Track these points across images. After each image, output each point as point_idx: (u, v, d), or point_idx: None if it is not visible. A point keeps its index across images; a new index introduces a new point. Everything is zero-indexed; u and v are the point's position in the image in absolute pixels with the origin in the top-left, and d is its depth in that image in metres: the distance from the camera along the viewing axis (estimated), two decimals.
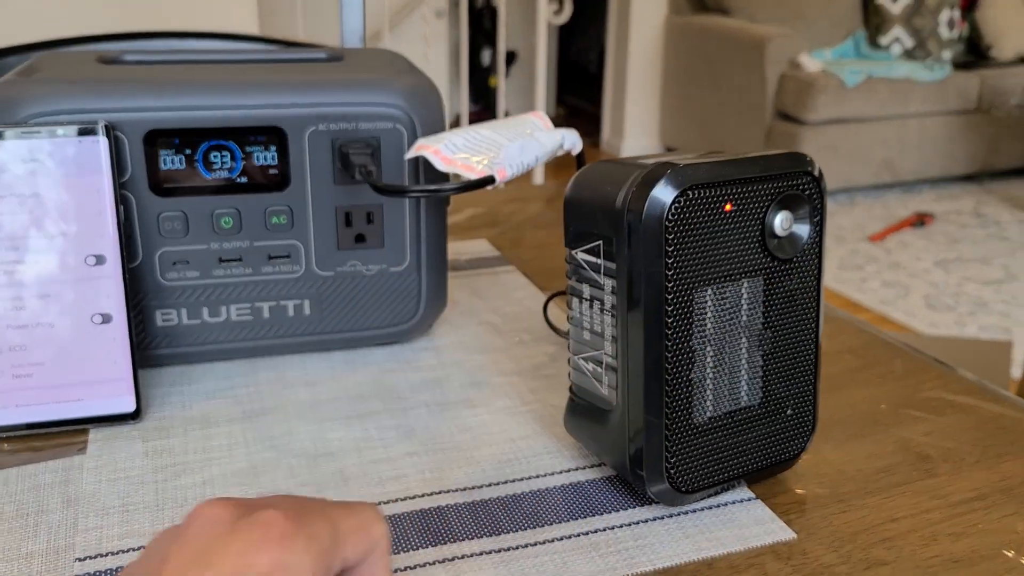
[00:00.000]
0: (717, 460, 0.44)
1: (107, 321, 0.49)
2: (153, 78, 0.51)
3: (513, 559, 0.41)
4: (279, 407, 0.52)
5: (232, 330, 0.55)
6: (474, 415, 0.52)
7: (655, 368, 0.41)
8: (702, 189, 0.40)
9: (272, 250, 0.54)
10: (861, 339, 0.62)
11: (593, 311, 0.44)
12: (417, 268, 0.57)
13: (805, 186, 0.42)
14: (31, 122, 0.48)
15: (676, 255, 0.40)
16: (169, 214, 0.52)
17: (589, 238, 0.43)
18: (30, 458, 0.47)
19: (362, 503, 0.31)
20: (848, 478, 0.46)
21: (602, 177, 0.43)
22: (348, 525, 0.29)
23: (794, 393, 0.45)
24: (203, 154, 0.51)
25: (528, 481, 0.46)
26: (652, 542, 0.42)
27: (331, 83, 0.53)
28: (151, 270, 0.52)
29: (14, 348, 0.48)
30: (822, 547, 0.41)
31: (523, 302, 0.67)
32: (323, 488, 0.45)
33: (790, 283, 0.44)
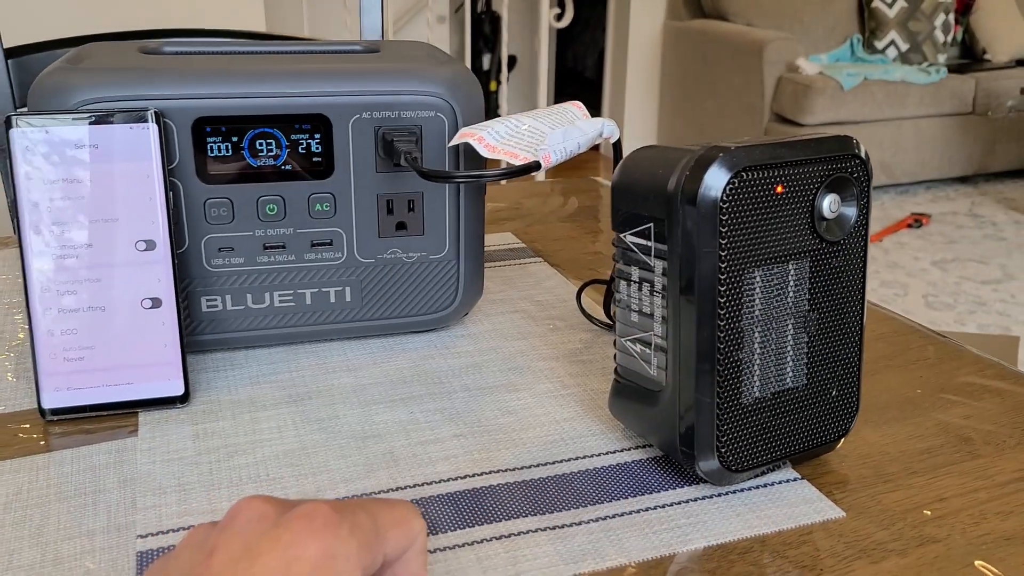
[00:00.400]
0: (764, 440, 0.44)
1: (157, 305, 0.49)
2: (200, 67, 0.51)
3: (567, 536, 0.41)
4: (323, 391, 0.53)
5: (275, 316, 0.55)
6: (516, 398, 0.52)
7: (707, 348, 0.42)
8: (755, 171, 0.41)
9: (315, 237, 0.54)
10: (891, 326, 0.63)
11: (642, 293, 0.45)
12: (456, 256, 0.58)
13: (854, 169, 0.43)
14: (82, 109, 0.49)
15: (729, 236, 0.40)
16: (215, 201, 0.52)
17: (639, 221, 0.44)
18: (83, 440, 0.47)
19: (399, 500, 0.31)
20: (892, 459, 0.47)
21: (652, 161, 0.44)
22: (388, 518, 0.30)
23: (839, 374, 0.46)
24: (249, 142, 0.52)
25: (576, 461, 0.47)
26: (703, 519, 0.42)
27: (375, 72, 0.53)
28: (197, 256, 0.53)
29: (66, 332, 0.48)
30: (872, 525, 0.42)
31: (554, 291, 0.68)
32: (374, 468, 0.46)
33: (836, 265, 0.44)
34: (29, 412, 0.50)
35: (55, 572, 0.38)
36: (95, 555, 0.39)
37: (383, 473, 0.45)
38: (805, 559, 0.40)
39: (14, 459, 0.45)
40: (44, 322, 0.48)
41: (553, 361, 0.57)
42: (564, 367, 0.56)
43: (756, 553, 0.40)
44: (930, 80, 3.46)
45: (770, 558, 0.40)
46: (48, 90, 0.49)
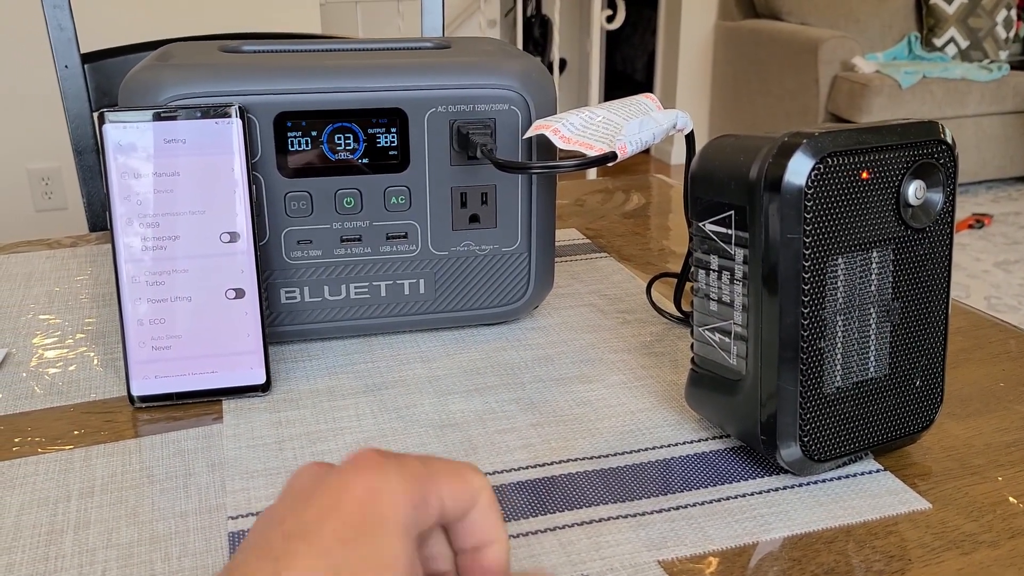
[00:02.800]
0: (847, 430, 0.44)
1: (240, 296, 0.51)
2: (281, 64, 0.53)
3: (649, 523, 0.41)
4: (399, 381, 0.53)
5: (350, 308, 0.56)
6: (590, 389, 0.53)
7: (790, 336, 0.41)
8: (840, 156, 0.40)
9: (390, 230, 0.55)
10: (968, 320, 0.61)
11: (722, 281, 0.45)
12: (528, 248, 0.58)
13: (940, 154, 0.43)
14: (170, 104, 0.50)
15: (814, 223, 0.40)
16: (295, 194, 0.53)
17: (719, 209, 0.44)
18: (170, 426, 0.49)
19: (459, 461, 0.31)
20: (977, 452, 0.46)
21: (732, 149, 0.44)
22: (441, 467, 0.30)
23: (923, 365, 0.45)
24: (328, 136, 0.53)
25: (654, 451, 0.47)
26: (786, 509, 0.42)
27: (450, 67, 0.54)
28: (277, 248, 0.54)
29: (154, 321, 0.50)
30: (960, 517, 0.41)
31: (622, 285, 0.68)
32: (453, 455, 0.46)
33: (921, 253, 0.44)
34: (117, 399, 0.51)
35: (152, 550, 0.39)
36: (189, 535, 0.40)
37: (462, 460, 0.46)
38: (893, 549, 0.39)
39: (107, 444, 0.47)
40: (134, 312, 0.49)
41: (625, 353, 0.57)
42: (636, 359, 0.56)
43: (842, 543, 0.40)
44: (992, 77, 3.38)
45: (856, 548, 0.39)
46: (139, 87, 0.51)
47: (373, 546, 0.26)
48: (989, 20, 3.64)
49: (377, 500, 0.27)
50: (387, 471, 0.28)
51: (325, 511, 0.26)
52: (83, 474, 0.44)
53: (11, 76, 2.21)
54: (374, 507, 0.27)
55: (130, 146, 0.48)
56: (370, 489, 0.27)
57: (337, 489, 0.27)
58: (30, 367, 0.55)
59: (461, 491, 0.30)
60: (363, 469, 0.28)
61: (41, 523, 0.41)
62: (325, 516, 0.26)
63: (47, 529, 0.40)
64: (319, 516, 0.26)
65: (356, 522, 0.26)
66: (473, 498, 0.30)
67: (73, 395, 0.52)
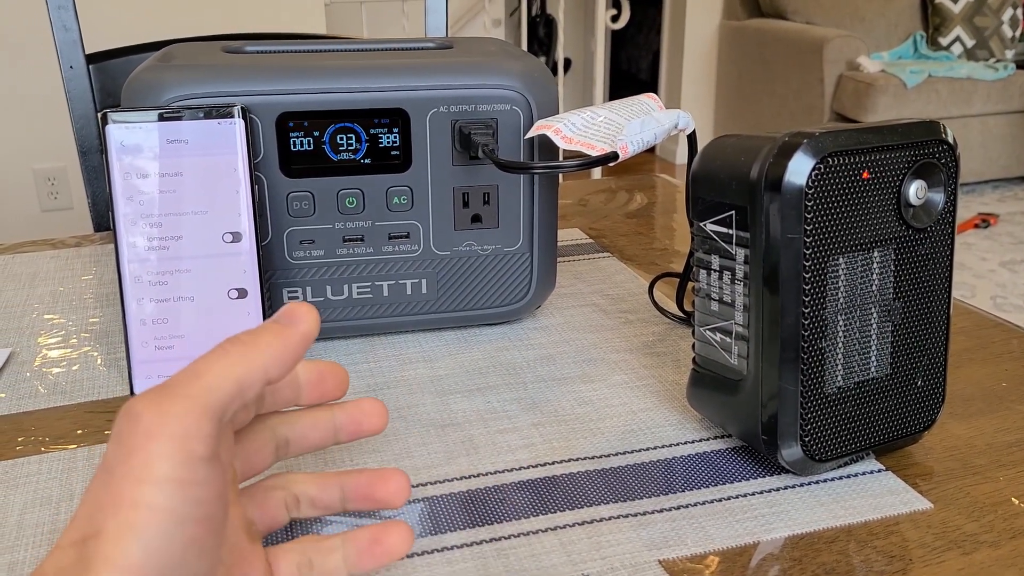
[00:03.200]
0: (848, 430, 0.44)
1: (243, 296, 0.51)
2: (284, 64, 0.53)
3: (650, 523, 0.41)
4: (401, 381, 0.54)
5: (353, 308, 0.57)
6: (592, 389, 0.53)
7: (791, 336, 0.41)
8: (840, 156, 0.40)
9: (393, 230, 0.55)
10: (971, 320, 0.61)
11: (723, 281, 0.45)
12: (530, 248, 0.58)
13: (941, 154, 0.43)
14: (173, 105, 0.50)
15: (815, 223, 0.40)
16: (297, 194, 0.53)
17: (720, 209, 0.44)
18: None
19: None
20: (979, 452, 0.46)
21: (732, 149, 0.44)
22: None
23: (924, 364, 0.45)
24: (330, 136, 0.53)
25: (655, 451, 0.47)
26: (787, 509, 0.42)
27: (452, 67, 0.54)
28: (280, 248, 0.54)
29: (157, 321, 0.50)
30: (962, 517, 0.41)
31: (624, 285, 0.68)
32: (455, 455, 0.46)
33: (922, 253, 0.44)
34: (121, 399, 0.52)
35: None
36: None
37: (463, 460, 0.46)
38: (894, 549, 0.39)
39: None
40: (137, 312, 0.50)
41: (627, 353, 0.57)
42: (638, 359, 0.56)
43: (842, 543, 0.40)
44: (997, 76, 3.37)
45: (857, 548, 0.39)
46: (141, 87, 0.51)
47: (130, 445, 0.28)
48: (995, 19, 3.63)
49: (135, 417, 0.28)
50: None
51: None
52: (86, 473, 0.44)
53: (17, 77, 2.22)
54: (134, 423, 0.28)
55: (133, 146, 0.49)
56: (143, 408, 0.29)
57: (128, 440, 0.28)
58: (34, 367, 0.55)
59: None
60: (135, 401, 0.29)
61: (44, 522, 0.41)
62: None
63: (50, 528, 0.40)
64: None
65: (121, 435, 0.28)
66: None
67: (76, 395, 0.52)
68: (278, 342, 0.31)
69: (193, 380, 0.29)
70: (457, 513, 0.42)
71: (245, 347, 0.31)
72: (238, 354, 0.30)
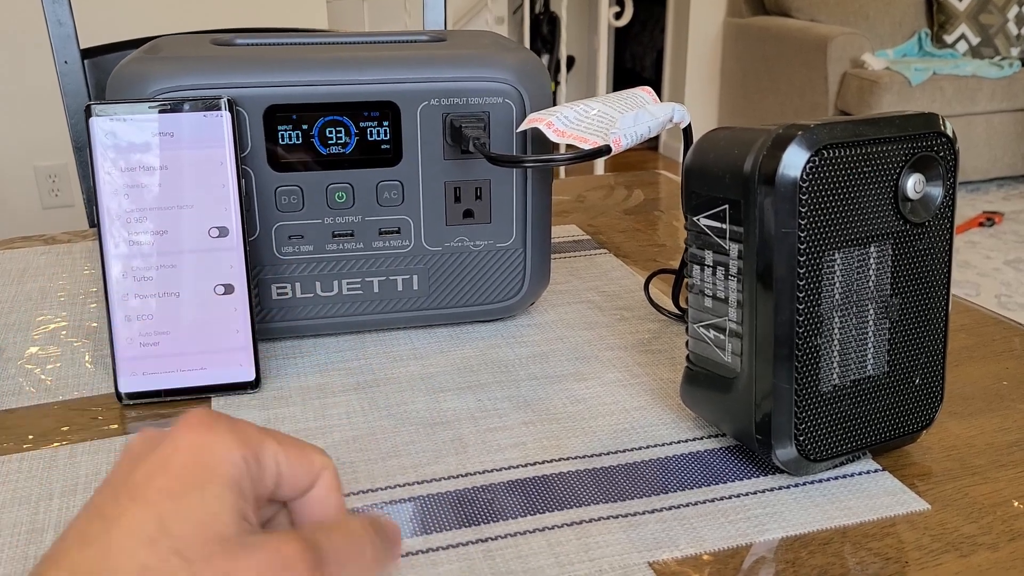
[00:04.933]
0: (844, 429, 0.43)
1: (229, 292, 0.50)
2: (272, 56, 0.52)
3: (640, 523, 0.40)
4: (391, 379, 0.53)
5: (343, 304, 0.56)
6: (585, 387, 0.52)
7: (785, 333, 0.40)
8: (836, 149, 0.39)
9: (383, 224, 0.55)
10: (972, 317, 0.60)
11: (716, 277, 0.44)
12: (523, 244, 0.57)
13: (940, 147, 0.42)
14: (158, 97, 0.49)
15: (809, 216, 0.39)
16: (286, 188, 0.53)
17: (714, 203, 0.43)
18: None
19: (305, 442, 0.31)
20: (978, 452, 0.45)
21: (726, 143, 0.43)
22: (281, 437, 0.30)
23: (922, 362, 0.44)
24: (319, 130, 0.52)
25: (647, 450, 0.46)
26: (781, 510, 0.41)
27: (443, 59, 0.53)
28: (268, 243, 0.53)
29: (142, 317, 0.49)
30: (959, 518, 0.40)
31: (620, 282, 0.67)
32: (443, 453, 0.45)
33: (920, 248, 0.43)
34: (106, 396, 0.51)
35: None
36: None
37: (452, 459, 0.45)
38: (890, 551, 0.38)
39: (93, 441, 0.46)
40: (121, 308, 0.49)
41: (621, 351, 0.56)
42: (632, 357, 0.55)
43: (837, 544, 0.39)
44: (1003, 74, 3.35)
45: (852, 550, 0.38)
46: (125, 79, 0.50)
47: (199, 498, 0.26)
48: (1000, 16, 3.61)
49: (205, 454, 0.27)
50: (217, 428, 0.28)
51: (154, 469, 0.26)
52: (66, 472, 0.44)
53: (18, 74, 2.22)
54: (201, 461, 0.27)
55: (117, 140, 0.48)
56: (198, 444, 0.27)
57: (166, 448, 0.27)
58: (19, 364, 0.55)
59: (300, 462, 0.30)
60: (193, 426, 0.28)
61: (22, 522, 0.40)
62: (154, 473, 0.26)
63: (28, 528, 0.40)
64: (148, 474, 0.26)
65: (183, 476, 0.26)
66: (314, 475, 0.30)
67: (62, 392, 0.51)
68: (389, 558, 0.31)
69: None
70: (444, 513, 0.41)
71: None
72: None
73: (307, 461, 0.30)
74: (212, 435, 0.27)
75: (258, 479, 0.28)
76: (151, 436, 0.29)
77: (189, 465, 0.27)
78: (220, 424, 0.28)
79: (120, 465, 0.28)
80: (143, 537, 0.25)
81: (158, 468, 0.26)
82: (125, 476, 0.27)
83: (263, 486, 0.29)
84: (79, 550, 0.25)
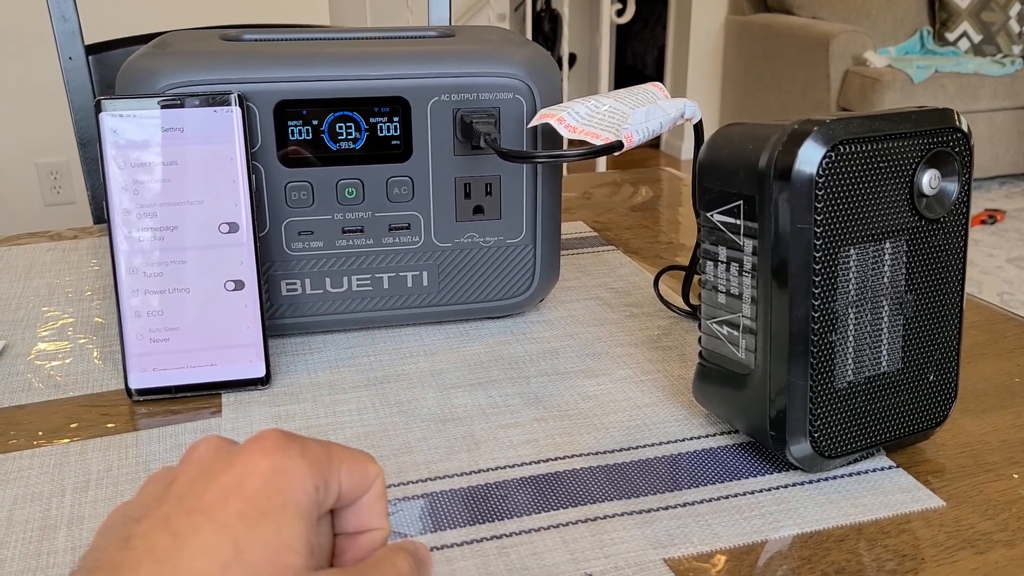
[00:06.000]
0: (859, 425, 0.43)
1: (239, 288, 0.50)
2: (282, 51, 0.52)
3: (655, 520, 0.40)
4: (402, 375, 0.53)
5: (353, 300, 0.55)
6: (596, 384, 0.52)
7: (800, 329, 0.40)
8: (852, 144, 0.39)
9: (393, 220, 0.54)
10: (982, 314, 0.60)
11: (730, 273, 0.43)
12: (533, 240, 0.57)
13: (955, 143, 0.41)
14: (168, 92, 0.49)
15: (826, 212, 0.39)
16: (296, 184, 0.52)
17: (727, 199, 0.43)
18: (168, 420, 0.48)
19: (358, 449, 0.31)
20: (992, 448, 0.45)
21: (740, 138, 0.42)
22: (342, 453, 0.30)
23: (936, 359, 0.44)
24: (329, 125, 0.52)
25: (660, 447, 0.46)
26: (795, 506, 0.41)
27: (453, 54, 0.53)
28: (278, 239, 0.53)
29: (152, 313, 0.49)
30: (975, 515, 0.40)
31: (629, 278, 0.66)
32: (455, 450, 0.45)
33: (935, 244, 0.43)
34: (115, 393, 0.51)
35: None
36: None
37: (464, 455, 0.45)
38: (905, 548, 0.38)
39: (103, 437, 0.46)
40: (131, 303, 0.49)
41: (631, 347, 0.56)
42: (643, 353, 0.55)
43: (852, 541, 0.39)
44: (1005, 72, 3.34)
45: (868, 547, 0.38)
46: (135, 75, 0.50)
47: (275, 526, 0.26)
48: (1002, 14, 3.60)
49: (281, 480, 0.27)
50: (292, 453, 0.28)
51: (230, 489, 0.26)
52: (78, 468, 0.44)
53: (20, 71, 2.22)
54: (278, 488, 0.27)
55: (127, 135, 0.48)
56: (275, 470, 0.27)
57: (242, 468, 0.27)
58: (28, 360, 0.54)
59: (359, 476, 0.30)
60: (268, 451, 0.27)
61: (34, 518, 0.40)
62: (229, 494, 0.26)
63: (40, 524, 0.40)
64: (223, 494, 0.26)
65: (260, 502, 0.26)
66: (367, 485, 0.30)
67: (71, 388, 0.51)
68: None
69: None
70: (458, 510, 0.41)
71: None
72: None
73: (364, 472, 0.30)
74: (287, 461, 0.27)
75: (324, 503, 0.28)
76: (220, 447, 0.28)
77: (265, 491, 0.26)
78: (294, 448, 0.28)
79: (186, 473, 0.27)
80: (218, 561, 0.24)
81: (234, 489, 0.26)
82: (197, 491, 0.26)
83: (325, 507, 0.29)
84: (149, 565, 0.24)
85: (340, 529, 0.31)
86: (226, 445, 0.29)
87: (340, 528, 0.31)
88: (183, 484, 0.27)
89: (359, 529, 0.31)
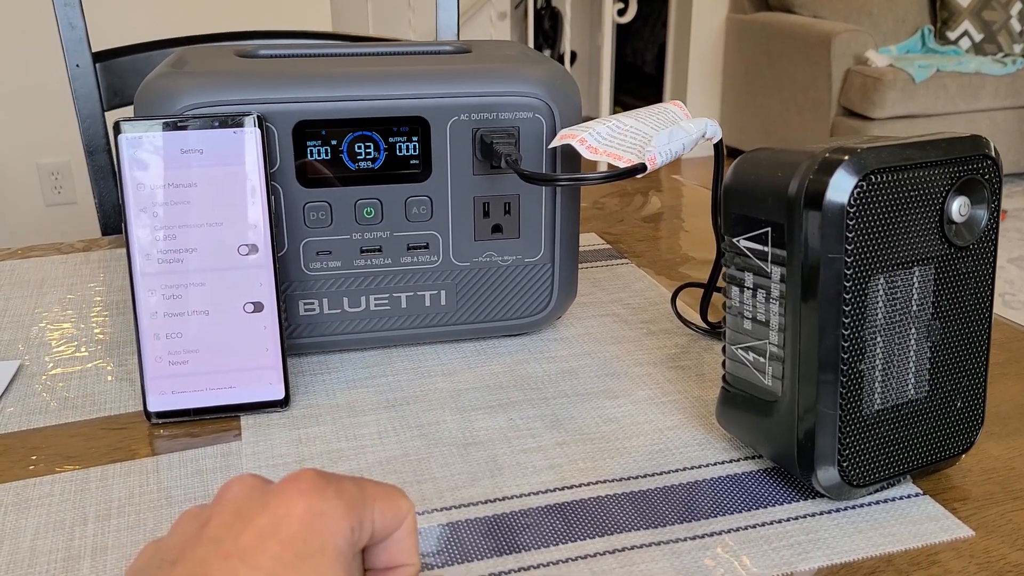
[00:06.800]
0: (886, 453, 0.42)
1: (259, 310, 0.49)
2: (300, 71, 0.51)
3: (684, 551, 0.40)
4: (421, 396, 0.52)
5: (371, 320, 0.55)
6: (617, 406, 0.51)
7: (830, 357, 0.40)
8: (884, 174, 0.39)
9: (411, 240, 0.54)
10: (1002, 332, 0.60)
11: (756, 300, 0.43)
12: (551, 259, 0.57)
13: (985, 170, 0.41)
14: (187, 113, 0.49)
15: (857, 241, 0.39)
16: (314, 204, 0.52)
17: (755, 225, 0.42)
18: (188, 443, 0.47)
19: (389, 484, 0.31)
20: (1019, 475, 0.45)
21: (769, 164, 0.42)
22: (375, 491, 0.30)
23: (963, 385, 0.44)
24: (348, 145, 0.51)
25: (684, 472, 0.45)
26: (824, 536, 0.41)
27: (472, 73, 0.52)
28: (296, 260, 0.53)
29: (171, 335, 0.48)
30: (1005, 545, 0.40)
31: (644, 294, 0.66)
32: (478, 476, 0.45)
33: (963, 271, 0.42)
34: (132, 415, 0.50)
35: None
36: None
37: (487, 482, 0.45)
38: None
39: (124, 462, 0.46)
40: (150, 326, 0.48)
41: (650, 367, 0.56)
42: (662, 373, 0.55)
43: (883, 573, 0.38)
44: (1006, 71, 3.34)
45: None
46: (154, 95, 0.49)
47: (312, 570, 0.26)
48: (1004, 13, 3.60)
49: (317, 523, 0.27)
50: (328, 495, 0.28)
51: (266, 532, 0.26)
52: (100, 495, 0.43)
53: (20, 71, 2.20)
54: (315, 531, 0.27)
55: (146, 157, 0.47)
56: (312, 513, 0.27)
57: (278, 510, 0.27)
58: (43, 380, 0.54)
59: (391, 513, 0.30)
60: (304, 492, 0.27)
61: (57, 548, 0.40)
62: (266, 537, 0.26)
63: (63, 555, 0.39)
64: (260, 537, 0.26)
65: (297, 545, 0.26)
66: (399, 522, 0.30)
67: (88, 410, 0.51)
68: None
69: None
70: (482, 539, 0.40)
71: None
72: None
73: (396, 509, 0.30)
74: (324, 503, 0.27)
75: (358, 543, 0.28)
76: (255, 487, 0.28)
77: (302, 534, 0.26)
78: (330, 490, 0.28)
79: (221, 515, 0.27)
80: None
81: (270, 532, 0.26)
82: (234, 534, 0.26)
83: (359, 546, 0.29)
84: None
85: (370, 565, 0.31)
86: (260, 485, 0.29)
87: (370, 564, 0.31)
88: (218, 526, 0.27)
89: (390, 565, 0.31)
